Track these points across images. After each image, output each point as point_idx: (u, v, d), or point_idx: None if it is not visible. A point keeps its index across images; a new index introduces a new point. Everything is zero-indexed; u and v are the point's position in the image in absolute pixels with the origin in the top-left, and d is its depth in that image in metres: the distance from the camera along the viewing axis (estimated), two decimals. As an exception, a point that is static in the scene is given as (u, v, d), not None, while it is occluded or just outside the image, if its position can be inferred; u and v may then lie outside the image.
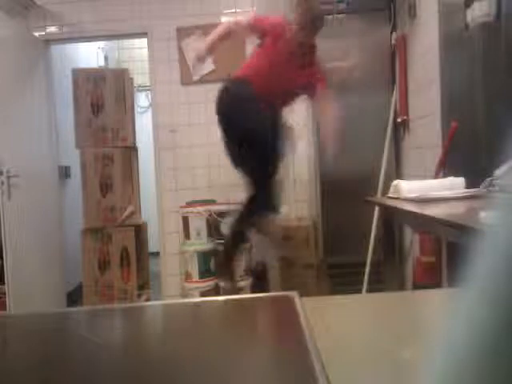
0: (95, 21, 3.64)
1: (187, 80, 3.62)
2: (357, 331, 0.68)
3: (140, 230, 3.61)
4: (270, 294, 1.67)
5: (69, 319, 0.90)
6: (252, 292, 3.17)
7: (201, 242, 3.27)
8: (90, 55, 4.63)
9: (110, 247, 3.41)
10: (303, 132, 3.45)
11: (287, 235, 3.29)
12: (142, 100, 5.54)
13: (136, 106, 4.35)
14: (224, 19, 3.48)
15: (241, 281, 3.17)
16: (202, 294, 3.19)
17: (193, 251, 3.25)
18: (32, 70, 3.52)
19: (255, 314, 0.86)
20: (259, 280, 3.30)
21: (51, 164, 3.71)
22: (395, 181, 2.05)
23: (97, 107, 3.50)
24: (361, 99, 3.24)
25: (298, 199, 3.60)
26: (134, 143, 3.69)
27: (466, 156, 2.20)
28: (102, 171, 3.46)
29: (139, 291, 3.52)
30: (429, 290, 1.45)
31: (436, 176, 2.36)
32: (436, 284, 2.40)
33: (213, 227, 3.30)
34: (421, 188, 1.83)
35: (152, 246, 3.92)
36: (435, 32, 2.56)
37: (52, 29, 3.70)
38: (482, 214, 1.09)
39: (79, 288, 3.62)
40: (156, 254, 3.87)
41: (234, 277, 3.04)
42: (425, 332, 0.62)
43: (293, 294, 0.81)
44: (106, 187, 3.46)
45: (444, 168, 2.36)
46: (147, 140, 3.85)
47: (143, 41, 3.82)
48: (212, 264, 3.31)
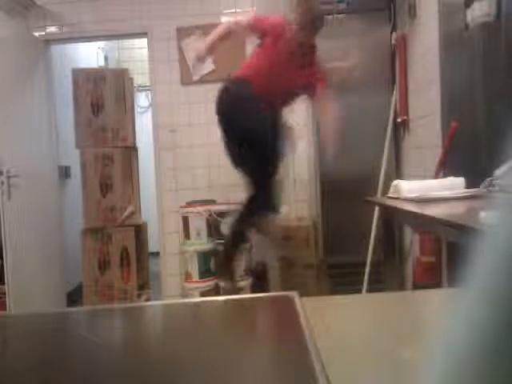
0: (95, 21, 3.64)
1: (187, 80, 3.62)
2: (357, 331, 0.68)
3: (140, 230, 3.61)
4: (270, 294, 1.67)
5: (69, 319, 0.90)
6: (252, 292, 3.16)
7: (201, 242, 3.27)
8: (90, 55, 4.63)
9: (110, 247, 3.41)
10: (303, 132, 3.45)
11: (287, 235, 3.29)
12: (142, 100, 5.54)
13: (136, 106, 4.35)
14: (224, 19, 3.48)
15: (241, 281, 3.17)
16: (202, 294, 3.19)
17: (193, 251, 3.25)
18: (32, 70, 3.52)
19: (255, 314, 0.86)
20: (259, 280, 3.30)
21: (51, 164, 3.71)
22: (395, 181, 2.05)
23: (97, 107, 3.50)
24: (361, 99, 3.24)
25: (298, 199, 3.60)
26: (134, 143, 3.69)
27: (466, 156, 2.20)
28: (102, 171, 3.46)
29: (139, 291, 3.52)
30: (429, 290, 1.45)
31: (436, 176, 2.36)
32: (436, 284, 2.40)
33: (213, 227, 3.30)
34: (421, 188, 1.83)
35: (152, 246, 3.92)
36: (435, 32, 2.56)
37: (52, 29, 3.70)
38: (482, 214, 1.09)
39: (79, 288, 3.62)
40: (156, 254, 3.87)
41: (234, 277, 3.04)
42: (425, 332, 0.62)
43: (293, 294, 0.81)
44: (106, 187, 3.45)
45: (444, 168, 2.36)
46: (147, 140, 3.85)
47: (143, 41, 3.82)
48: (212, 264, 3.31)
